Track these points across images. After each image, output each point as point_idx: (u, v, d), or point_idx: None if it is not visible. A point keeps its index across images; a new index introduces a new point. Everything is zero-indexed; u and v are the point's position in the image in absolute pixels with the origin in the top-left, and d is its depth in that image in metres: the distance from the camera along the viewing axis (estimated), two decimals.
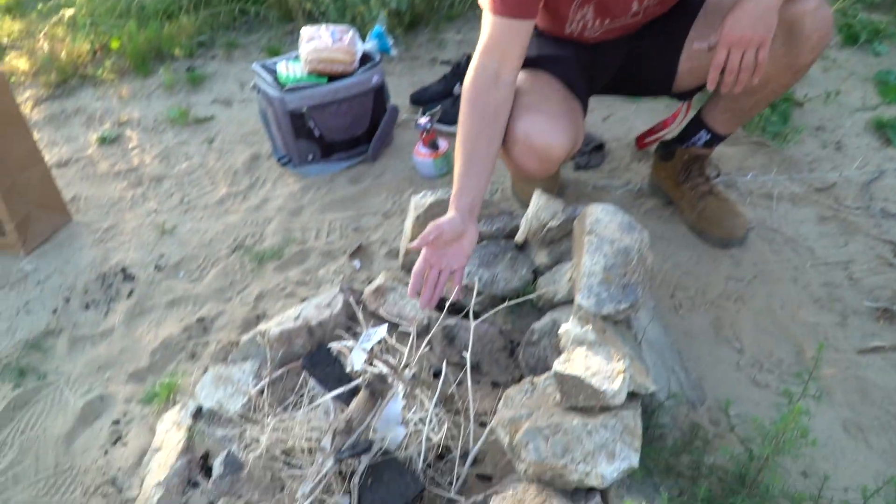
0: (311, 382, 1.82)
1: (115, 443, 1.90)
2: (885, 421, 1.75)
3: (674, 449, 1.54)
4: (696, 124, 2.31)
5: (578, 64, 2.13)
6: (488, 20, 1.83)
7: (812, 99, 3.02)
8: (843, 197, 2.46)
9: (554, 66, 2.08)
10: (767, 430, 1.36)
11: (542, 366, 1.75)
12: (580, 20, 2.01)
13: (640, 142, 2.81)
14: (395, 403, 1.68)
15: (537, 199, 1.98)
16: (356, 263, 2.40)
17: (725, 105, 2.18)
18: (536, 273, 1.99)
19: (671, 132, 2.60)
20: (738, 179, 2.59)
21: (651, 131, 2.76)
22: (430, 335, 1.90)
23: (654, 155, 2.50)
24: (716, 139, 2.30)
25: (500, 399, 1.57)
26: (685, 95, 2.29)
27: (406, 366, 1.72)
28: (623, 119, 3.08)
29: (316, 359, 1.83)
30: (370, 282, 2.18)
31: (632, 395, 1.42)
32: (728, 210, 2.30)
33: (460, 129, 1.82)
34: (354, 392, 1.70)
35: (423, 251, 1.75)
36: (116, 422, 1.96)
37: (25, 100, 3.87)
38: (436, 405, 1.67)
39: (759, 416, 1.45)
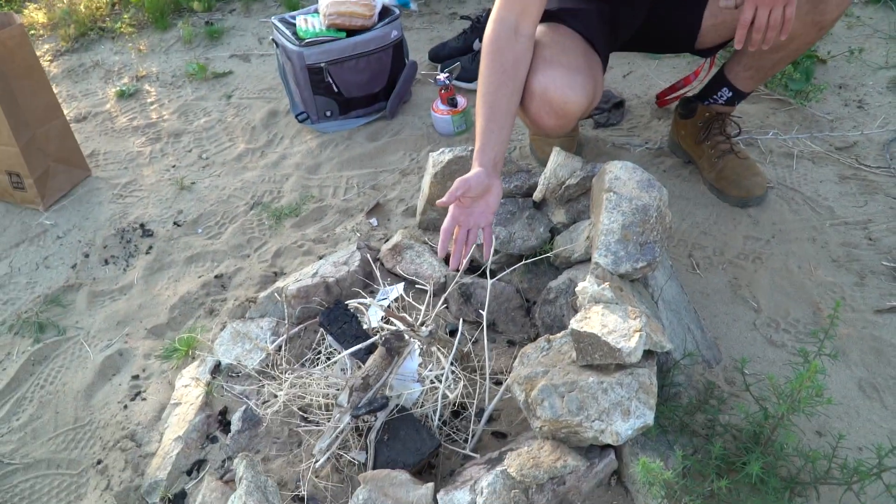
0: (328, 339, 1.83)
1: (134, 398, 1.93)
2: None
3: (689, 407, 1.55)
4: (718, 81, 2.28)
5: (599, 18, 2.09)
6: None
7: (835, 56, 2.98)
8: (864, 156, 2.43)
9: (574, 19, 2.05)
10: (782, 389, 1.36)
11: (559, 324, 1.75)
12: None
13: (661, 99, 2.78)
14: (412, 361, 1.69)
15: (555, 157, 1.97)
16: (373, 221, 2.40)
17: (748, 62, 2.15)
18: (554, 231, 1.98)
19: (693, 89, 2.57)
20: (758, 138, 2.56)
21: (672, 88, 2.73)
22: (446, 293, 1.90)
23: (674, 113, 2.48)
24: (738, 96, 2.28)
25: (515, 357, 1.58)
26: (708, 52, 2.26)
27: (422, 323, 1.73)
28: (643, 76, 3.05)
29: (333, 316, 1.84)
30: (387, 240, 2.18)
31: (648, 354, 1.42)
32: (748, 169, 2.27)
33: (481, 83, 1.80)
34: (371, 349, 1.71)
35: (451, 209, 1.71)
36: (136, 377, 1.99)
37: (44, 53, 3.87)
38: (452, 363, 1.69)
39: (774, 375, 1.44)
